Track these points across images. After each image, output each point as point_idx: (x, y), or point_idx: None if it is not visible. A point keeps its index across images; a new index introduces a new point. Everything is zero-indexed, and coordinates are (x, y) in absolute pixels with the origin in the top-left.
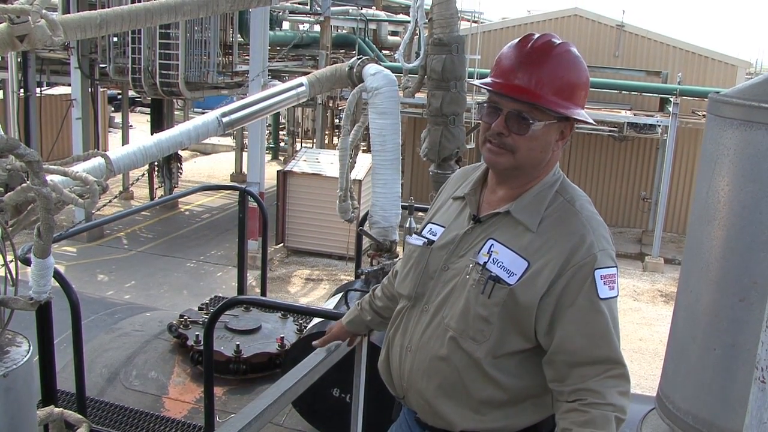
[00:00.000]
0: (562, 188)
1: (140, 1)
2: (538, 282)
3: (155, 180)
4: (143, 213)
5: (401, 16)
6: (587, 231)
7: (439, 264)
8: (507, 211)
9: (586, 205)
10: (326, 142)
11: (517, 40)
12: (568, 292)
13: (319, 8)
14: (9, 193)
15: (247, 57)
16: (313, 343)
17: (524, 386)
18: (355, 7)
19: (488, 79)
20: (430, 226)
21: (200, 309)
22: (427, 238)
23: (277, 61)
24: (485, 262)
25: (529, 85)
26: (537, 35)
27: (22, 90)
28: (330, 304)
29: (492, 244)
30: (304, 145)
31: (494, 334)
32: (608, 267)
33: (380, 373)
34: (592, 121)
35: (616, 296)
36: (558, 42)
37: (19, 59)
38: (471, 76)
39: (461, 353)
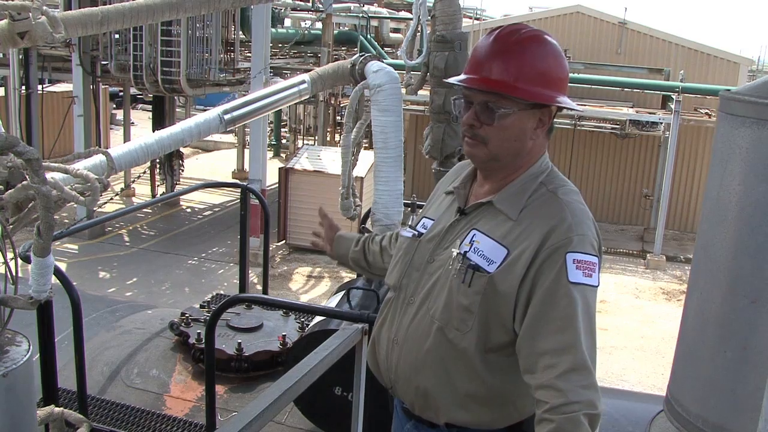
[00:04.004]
0: (548, 179)
1: None
2: (516, 268)
3: (157, 177)
4: (145, 210)
5: (403, 14)
6: (566, 215)
7: (425, 256)
8: (490, 201)
9: (570, 195)
10: (328, 139)
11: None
12: (540, 275)
13: (321, 5)
14: (9, 191)
15: (248, 54)
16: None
17: (510, 382)
18: (357, 4)
19: (461, 76)
20: (423, 220)
21: (202, 307)
22: (418, 231)
23: (278, 58)
24: (466, 252)
25: (491, 75)
26: (505, 26)
27: (23, 87)
28: (332, 303)
29: (474, 234)
30: (305, 142)
31: (477, 324)
32: (585, 253)
33: (369, 365)
34: (574, 106)
35: (594, 286)
36: (524, 30)
37: (20, 56)
38: None
39: (447, 344)
